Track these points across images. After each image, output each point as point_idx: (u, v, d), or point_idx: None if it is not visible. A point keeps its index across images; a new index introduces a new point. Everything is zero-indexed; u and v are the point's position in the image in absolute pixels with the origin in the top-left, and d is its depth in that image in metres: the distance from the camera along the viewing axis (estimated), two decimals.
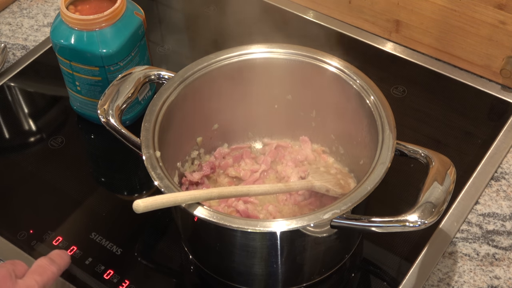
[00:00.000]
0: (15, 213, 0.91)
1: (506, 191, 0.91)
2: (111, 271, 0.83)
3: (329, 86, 0.86)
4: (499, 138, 0.97)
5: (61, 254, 0.80)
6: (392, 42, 1.12)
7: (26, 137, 1.02)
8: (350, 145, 0.88)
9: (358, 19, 1.14)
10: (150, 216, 0.89)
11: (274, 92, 0.91)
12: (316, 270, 0.81)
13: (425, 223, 0.69)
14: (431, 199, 0.70)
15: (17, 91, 1.09)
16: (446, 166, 0.74)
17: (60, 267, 0.78)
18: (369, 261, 0.85)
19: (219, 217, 0.70)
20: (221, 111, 0.91)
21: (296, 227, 0.70)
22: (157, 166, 0.75)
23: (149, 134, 0.78)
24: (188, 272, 0.86)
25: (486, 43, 1.02)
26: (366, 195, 0.72)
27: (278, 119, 0.93)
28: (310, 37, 1.14)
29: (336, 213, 0.70)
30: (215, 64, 0.87)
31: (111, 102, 0.82)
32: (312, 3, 1.18)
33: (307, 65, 0.87)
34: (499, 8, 0.98)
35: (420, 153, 0.77)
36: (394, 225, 0.70)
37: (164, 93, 0.83)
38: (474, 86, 1.05)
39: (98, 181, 0.97)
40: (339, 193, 0.83)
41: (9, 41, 1.16)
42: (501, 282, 0.82)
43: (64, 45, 0.93)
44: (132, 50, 0.95)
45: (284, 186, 0.81)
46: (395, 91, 1.05)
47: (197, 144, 0.91)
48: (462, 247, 0.85)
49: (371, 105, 0.81)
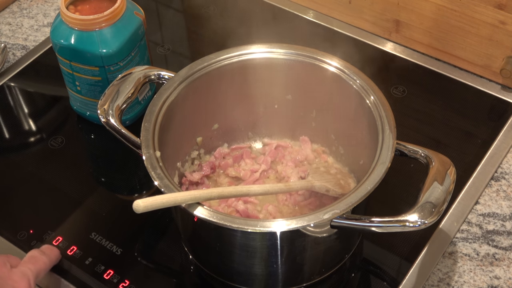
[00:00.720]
0: (15, 213, 0.91)
1: (506, 191, 0.91)
2: (111, 271, 0.83)
3: (329, 86, 0.86)
4: (499, 138, 0.97)
5: (51, 247, 0.84)
6: (392, 42, 1.12)
7: (26, 137, 1.02)
8: (350, 145, 0.88)
9: (358, 19, 1.14)
10: (150, 216, 0.89)
11: (274, 92, 0.91)
12: (316, 270, 0.81)
13: (425, 223, 0.69)
14: (431, 199, 0.70)
15: (17, 91, 1.09)
16: (446, 166, 0.74)
17: (51, 259, 0.82)
18: (369, 261, 0.85)
19: (219, 217, 0.70)
20: (221, 111, 0.91)
21: (296, 227, 0.70)
22: (157, 166, 0.75)
23: (149, 134, 0.78)
24: (188, 272, 0.86)
25: (486, 43, 1.02)
26: (366, 195, 0.72)
27: (278, 119, 0.93)
28: (310, 37, 1.14)
29: (336, 213, 0.70)
30: (215, 64, 0.87)
31: (111, 102, 0.82)
32: (312, 3, 1.18)
33: (307, 65, 0.87)
34: (499, 8, 0.98)
35: (420, 153, 0.77)
36: (394, 225, 0.70)
37: (164, 93, 0.83)
38: (474, 86, 1.05)
39: (98, 181, 0.96)
40: (339, 193, 0.83)
41: (9, 41, 1.16)
42: (501, 282, 0.82)
43: (64, 45, 0.93)
44: (132, 50, 0.95)
45: (284, 186, 0.81)
46: (395, 91, 1.05)
47: (197, 144, 0.91)
48: (462, 247, 0.85)
49: (371, 105, 0.81)
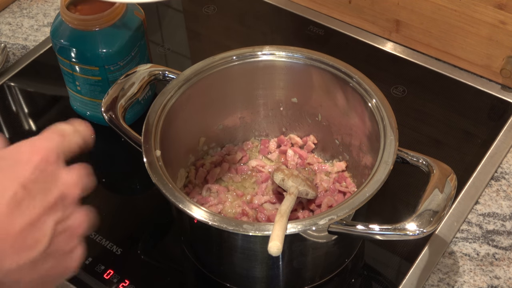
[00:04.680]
0: None
1: (506, 191, 0.91)
2: (111, 271, 0.83)
3: (333, 89, 0.86)
4: (499, 138, 0.97)
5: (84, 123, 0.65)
6: (392, 42, 1.12)
7: (26, 137, 1.01)
8: (353, 148, 0.88)
9: (358, 19, 1.14)
10: (150, 216, 0.89)
11: (278, 94, 0.91)
12: (317, 273, 0.81)
13: (424, 231, 0.68)
14: (431, 206, 0.70)
15: (17, 91, 1.09)
16: (446, 174, 0.74)
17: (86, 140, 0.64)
18: (369, 261, 0.85)
19: (219, 220, 0.70)
20: (226, 112, 0.91)
21: (294, 232, 0.69)
22: (157, 166, 0.75)
23: (150, 133, 0.78)
24: (188, 272, 0.86)
25: (486, 43, 1.02)
26: (364, 202, 0.71)
27: (283, 121, 0.93)
28: (310, 37, 1.14)
29: (333, 219, 0.70)
30: (221, 65, 0.86)
31: (115, 100, 0.82)
32: (312, 3, 1.18)
33: (310, 68, 0.86)
34: (499, 8, 0.98)
35: (422, 161, 0.77)
36: (392, 233, 0.69)
37: (168, 92, 0.83)
38: (474, 86, 1.05)
39: (98, 181, 0.96)
40: (314, 195, 0.83)
41: (9, 41, 1.16)
42: (501, 282, 0.82)
43: (64, 45, 0.93)
44: (132, 50, 0.95)
45: (285, 211, 0.75)
46: (395, 91, 1.04)
47: (200, 144, 0.91)
48: (462, 247, 0.85)
49: (373, 108, 0.80)
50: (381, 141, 0.77)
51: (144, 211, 0.92)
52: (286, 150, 0.92)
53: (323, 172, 0.90)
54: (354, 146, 0.87)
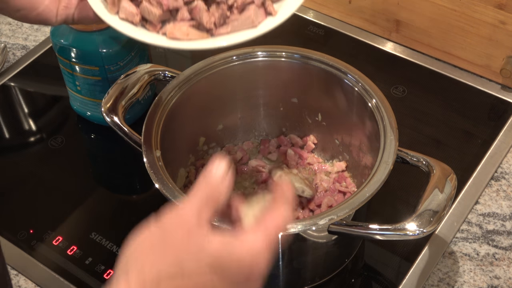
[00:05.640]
0: (15, 213, 0.91)
1: (506, 191, 0.91)
2: (111, 271, 0.83)
3: (333, 90, 0.86)
4: (499, 138, 0.97)
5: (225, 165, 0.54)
6: (392, 42, 1.12)
7: (26, 137, 1.02)
8: (353, 148, 0.88)
9: (358, 19, 1.14)
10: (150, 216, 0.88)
11: (279, 94, 0.91)
12: (317, 273, 0.81)
13: (424, 231, 0.68)
14: (431, 206, 0.70)
15: (17, 91, 1.09)
16: (446, 174, 0.74)
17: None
18: (369, 261, 0.85)
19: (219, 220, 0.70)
20: (226, 112, 0.91)
21: (293, 232, 0.69)
22: (157, 166, 0.75)
23: (150, 133, 0.78)
24: None
25: (486, 43, 1.02)
26: (364, 202, 0.71)
27: (283, 121, 0.93)
28: (310, 37, 1.14)
29: (333, 219, 0.70)
30: (221, 65, 0.86)
31: (115, 100, 0.82)
32: (312, 3, 1.18)
33: (309, 68, 0.86)
34: (499, 8, 0.98)
35: (422, 161, 0.77)
36: (392, 233, 0.70)
37: (168, 92, 0.83)
38: (474, 86, 1.05)
39: (98, 181, 0.96)
40: (311, 193, 0.83)
41: (9, 41, 1.16)
42: (501, 282, 0.82)
43: (64, 45, 0.93)
44: (132, 50, 0.95)
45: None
46: (395, 91, 1.04)
47: (200, 144, 0.91)
48: (462, 247, 0.85)
49: (373, 108, 0.80)
50: (381, 141, 0.77)
51: (144, 211, 0.92)
52: (286, 150, 0.92)
53: (323, 172, 0.90)
54: (354, 146, 0.87)
